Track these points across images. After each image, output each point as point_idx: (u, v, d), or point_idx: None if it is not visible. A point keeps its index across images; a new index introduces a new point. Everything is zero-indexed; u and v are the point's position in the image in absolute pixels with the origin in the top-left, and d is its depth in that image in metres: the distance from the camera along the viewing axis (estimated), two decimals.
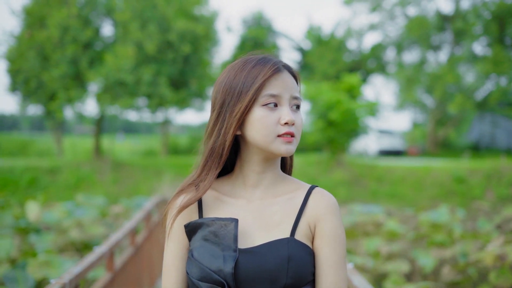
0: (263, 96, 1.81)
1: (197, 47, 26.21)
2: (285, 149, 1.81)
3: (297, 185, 1.95)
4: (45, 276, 6.68)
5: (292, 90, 1.85)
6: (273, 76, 1.83)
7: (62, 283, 3.07)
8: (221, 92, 1.87)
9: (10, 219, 11.43)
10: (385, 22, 34.16)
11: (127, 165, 23.86)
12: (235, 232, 1.75)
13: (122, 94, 24.23)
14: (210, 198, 1.92)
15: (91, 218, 11.69)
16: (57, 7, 23.98)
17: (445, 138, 35.70)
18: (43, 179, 21.59)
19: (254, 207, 1.89)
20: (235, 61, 1.92)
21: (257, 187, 1.91)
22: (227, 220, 1.78)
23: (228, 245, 1.75)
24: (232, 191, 1.93)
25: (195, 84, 26.66)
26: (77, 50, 23.85)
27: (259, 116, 1.80)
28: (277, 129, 1.80)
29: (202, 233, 1.80)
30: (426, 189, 19.85)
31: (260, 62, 1.85)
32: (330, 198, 1.89)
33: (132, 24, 24.20)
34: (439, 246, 9.91)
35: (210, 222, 1.80)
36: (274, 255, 1.75)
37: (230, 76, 1.87)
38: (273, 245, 1.78)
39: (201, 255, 1.77)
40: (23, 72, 24.62)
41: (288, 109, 1.82)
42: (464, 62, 30.08)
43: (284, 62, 1.90)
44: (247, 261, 1.75)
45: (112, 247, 4.58)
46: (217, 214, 1.88)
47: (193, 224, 1.83)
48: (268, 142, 1.81)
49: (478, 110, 31.49)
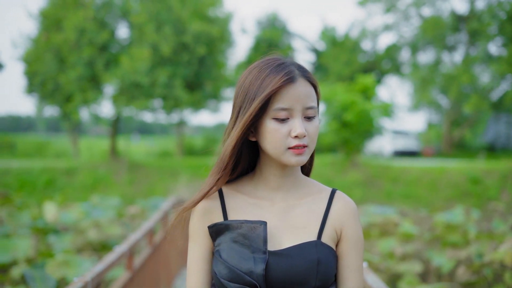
0: (274, 109, 1.79)
1: (212, 48, 26.33)
2: (295, 161, 1.81)
3: (318, 188, 1.97)
4: (64, 275, 6.78)
5: (305, 101, 1.82)
6: (284, 87, 1.80)
7: (85, 281, 3.17)
8: (238, 95, 1.88)
9: (28, 220, 11.58)
10: (400, 23, 34.08)
11: (142, 166, 24.01)
12: (265, 235, 1.77)
13: (137, 95, 24.40)
14: (233, 199, 1.92)
15: (108, 219, 11.81)
16: (73, 10, 24.20)
17: (461, 138, 35.57)
18: (60, 180, 21.79)
19: (279, 209, 1.90)
20: (256, 62, 1.91)
21: (279, 189, 1.92)
22: (256, 222, 1.80)
23: (257, 247, 1.77)
24: (254, 192, 1.93)
25: (210, 85, 26.78)
26: (93, 52, 24.05)
27: (270, 128, 1.80)
28: (287, 141, 1.80)
29: (231, 235, 1.82)
30: (441, 190, 19.82)
31: (275, 70, 1.82)
32: (352, 203, 1.94)
33: (147, 26, 24.36)
34: (453, 246, 9.94)
35: (238, 224, 1.82)
36: (304, 258, 1.78)
37: (246, 80, 1.86)
38: (302, 248, 1.80)
39: (230, 256, 1.78)
40: (40, 74, 24.86)
41: (299, 121, 1.80)
42: (479, 63, 29.93)
43: (302, 69, 1.86)
44: (277, 263, 1.77)
45: (131, 247, 4.69)
46: (242, 215, 1.88)
47: (219, 225, 1.84)
48: (278, 154, 1.82)
49: (494, 110, 31.38)
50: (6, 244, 8.02)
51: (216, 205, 1.91)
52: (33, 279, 6.66)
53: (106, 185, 21.64)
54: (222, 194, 1.93)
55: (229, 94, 30.48)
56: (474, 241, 10.36)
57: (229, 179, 1.94)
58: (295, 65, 1.86)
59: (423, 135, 38.90)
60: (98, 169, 23.17)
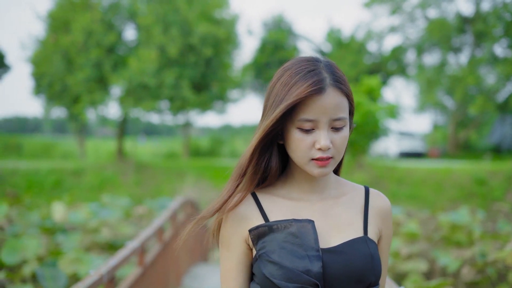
0: (299, 119, 1.73)
1: (219, 50, 26.47)
2: (317, 173, 1.77)
3: (351, 186, 1.95)
4: (75, 271, 6.91)
5: (333, 112, 1.74)
6: (311, 98, 1.72)
7: (100, 273, 3.30)
8: (268, 97, 1.82)
9: (37, 219, 11.72)
10: (406, 24, 34.09)
11: (149, 167, 24.14)
12: (315, 232, 1.74)
13: (145, 97, 24.56)
14: (269, 201, 1.87)
15: (115, 219, 11.93)
16: (81, 12, 24.38)
17: (466, 140, 35.58)
18: (68, 181, 21.94)
19: (318, 208, 1.86)
20: (290, 62, 1.83)
21: (313, 190, 1.88)
22: (304, 221, 1.76)
23: (309, 245, 1.73)
24: (290, 194, 1.88)
25: (217, 86, 26.92)
26: (101, 54, 24.22)
27: (294, 137, 1.75)
28: (311, 152, 1.75)
29: (279, 235, 1.76)
30: (446, 190, 19.87)
31: (304, 77, 1.74)
32: (388, 201, 1.94)
33: (154, 28, 24.52)
34: (458, 246, 10.02)
35: (287, 224, 1.77)
36: (359, 254, 1.76)
37: (278, 82, 1.80)
38: (353, 244, 1.78)
39: (283, 257, 1.72)
40: (47, 76, 25.05)
41: (325, 134, 1.73)
42: (485, 64, 29.96)
43: (335, 77, 1.78)
44: (332, 260, 1.74)
45: (143, 243, 4.81)
46: (282, 217, 1.82)
47: (262, 227, 1.78)
48: (302, 163, 1.77)
49: (500, 112, 31.40)
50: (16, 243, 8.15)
51: (253, 210, 1.85)
52: (44, 277, 6.77)
53: (114, 185, 21.78)
54: (257, 198, 1.87)
55: (235, 95, 30.62)
56: (478, 241, 10.44)
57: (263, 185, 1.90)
58: (329, 72, 1.78)
59: (429, 136, 38.91)
60: (105, 170, 23.32)
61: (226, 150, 34.59)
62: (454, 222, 11.84)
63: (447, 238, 10.85)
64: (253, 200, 1.86)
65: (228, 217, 1.85)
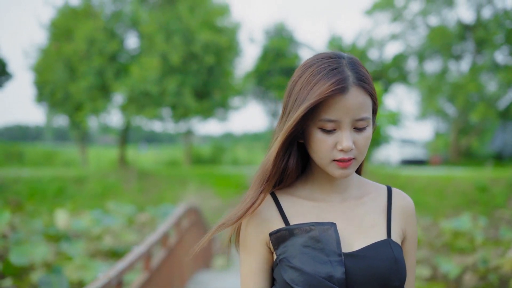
0: (320, 119, 1.66)
1: (221, 58, 26.56)
2: (339, 174, 1.71)
3: (374, 186, 1.89)
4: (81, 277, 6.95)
5: (356, 112, 1.67)
6: (333, 98, 1.65)
7: (109, 277, 3.35)
8: (288, 95, 1.76)
9: (40, 226, 11.78)
10: (407, 32, 34.20)
11: (152, 175, 24.19)
12: (337, 236, 1.68)
13: (147, 104, 24.65)
14: (290, 203, 1.80)
15: (119, 226, 11.98)
16: (83, 20, 24.49)
17: (468, 147, 35.58)
18: (70, 188, 21.98)
19: (340, 210, 1.80)
20: (311, 59, 1.76)
21: (335, 191, 1.82)
22: (326, 224, 1.70)
23: (331, 249, 1.67)
24: (311, 195, 1.82)
25: (219, 94, 27.00)
26: (103, 62, 24.32)
27: (315, 138, 1.69)
28: (333, 153, 1.68)
29: (299, 239, 1.70)
30: (448, 198, 19.89)
31: (326, 76, 1.66)
32: (411, 201, 1.88)
33: (157, 36, 24.62)
34: (461, 253, 10.06)
35: (308, 227, 1.71)
36: (382, 257, 1.70)
37: (299, 81, 1.72)
38: (377, 247, 1.72)
39: (304, 262, 1.66)
40: (50, 84, 25.16)
41: (347, 134, 1.66)
42: (486, 71, 30.06)
43: (358, 76, 1.70)
44: (354, 265, 1.68)
45: (150, 248, 4.86)
46: (304, 220, 1.76)
47: (283, 231, 1.73)
48: (323, 164, 1.71)
49: (501, 119, 31.44)
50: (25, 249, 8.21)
51: (273, 212, 1.79)
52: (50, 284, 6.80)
53: (116, 193, 21.81)
54: (277, 200, 1.81)
55: (237, 103, 30.68)
56: (480, 247, 10.48)
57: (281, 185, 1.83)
58: (352, 69, 1.70)
59: (431, 144, 38.93)
60: (107, 177, 23.36)
61: (228, 157, 34.63)
62: (456, 229, 11.89)
63: (449, 245, 10.89)
64: (273, 202, 1.80)
65: (248, 220, 1.79)
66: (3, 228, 11.19)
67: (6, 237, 10.64)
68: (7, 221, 11.66)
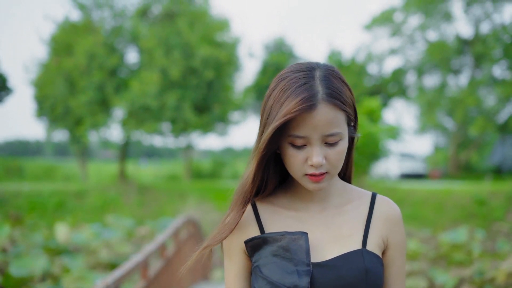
0: (290, 135, 1.64)
1: (220, 72, 26.67)
2: (312, 187, 1.68)
3: (358, 193, 1.85)
4: None
5: (325, 129, 1.63)
6: (301, 115, 1.62)
7: (106, 283, 3.42)
8: (263, 111, 1.73)
9: (40, 240, 11.82)
10: (406, 47, 34.39)
11: (151, 189, 24.23)
12: (307, 246, 1.66)
13: (147, 118, 24.75)
14: (268, 212, 1.79)
15: (118, 239, 12.03)
16: (84, 35, 24.64)
17: (467, 161, 35.63)
18: (70, 202, 22.02)
19: (319, 219, 1.77)
20: (286, 71, 1.73)
21: (315, 200, 1.79)
22: (297, 234, 1.68)
23: (300, 259, 1.65)
24: (290, 205, 1.80)
25: (218, 108, 27.10)
26: (103, 76, 24.45)
27: (287, 153, 1.67)
28: (304, 168, 1.66)
29: (270, 248, 1.69)
30: (447, 211, 19.92)
31: (295, 92, 1.63)
32: (396, 207, 1.82)
33: (157, 51, 24.76)
34: (458, 265, 10.11)
35: (279, 237, 1.69)
36: (351, 268, 1.66)
37: (271, 95, 1.70)
38: (348, 257, 1.69)
39: (272, 271, 1.66)
40: (50, 98, 25.26)
41: (317, 150, 1.64)
42: (485, 85, 30.19)
43: (329, 91, 1.65)
44: (322, 275, 1.65)
45: (147, 257, 4.93)
46: (280, 229, 1.75)
47: (257, 239, 1.72)
48: (297, 178, 1.70)
49: (500, 133, 31.52)
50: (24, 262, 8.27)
51: (251, 220, 1.78)
52: None
53: (116, 207, 21.85)
54: (256, 207, 1.80)
55: (237, 117, 30.76)
56: (478, 260, 10.53)
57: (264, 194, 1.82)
58: (323, 84, 1.66)
59: (430, 158, 38.98)
60: (107, 191, 23.41)
61: (228, 172, 34.62)
62: (454, 242, 11.94)
63: (446, 257, 10.94)
64: (251, 211, 1.79)
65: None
66: (3, 241, 11.24)
67: (6, 250, 10.68)
68: (7, 235, 11.71)
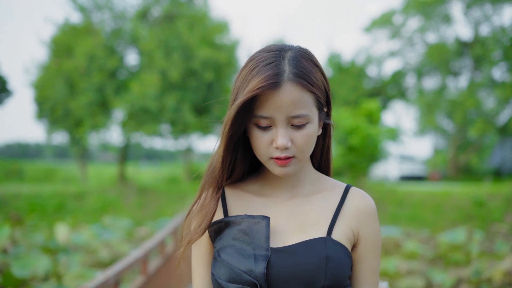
0: (254, 115, 1.61)
1: (220, 74, 26.74)
2: (278, 172, 1.64)
3: (332, 184, 1.81)
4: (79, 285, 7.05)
5: (289, 109, 1.58)
6: (265, 94, 1.58)
7: (107, 276, 3.47)
8: (232, 90, 1.70)
9: (41, 241, 11.86)
10: (405, 49, 34.43)
11: (151, 191, 24.27)
12: (267, 230, 1.62)
13: (146, 120, 24.80)
14: (235, 197, 1.77)
15: (117, 240, 12.06)
16: (83, 37, 24.70)
17: (467, 163, 35.65)
18: (70, 204, 22.03)
19: (286, 206, 1.73)
20: (256, 52, 1.68)
21: (284, 187, 1.75)
22: (257, 217, 1.64)
23: (259, 244, 1.61)
24: (259, 190, 1.77)
25: (218, 110, 27.15)
26: (103, 78, 24.51)
27: (253, 134, 1.64)
28: (269, 151, 1.62)
29: (231, 232, 1.66)
30: (446, 212, 19.95)
31: (261, 70, 1.59)
32: (370, 200, 1.77)
33: (156, 52, 24.82)
34: (456, 265, 10.16)
35: (239, 220, 1.66)
36: (311, 255, 1.61)
37: (240, 75, 1.67)
38: (309, 244, 1.63)
39: (230, 255, 1.63)
40: (50, 100, 25.31)
41: (282, 131, 1.59)
42: (484, 88, 30.21)
43: (296, 70, 1.60)
44: (281, 261, 1.60)
45: (147, 253, 4.97)
46: (243, 213, 1.72)
47: (219, 223, 1.69)
48: (263, 161, 1.66)
49: (499, 135, 31.55)
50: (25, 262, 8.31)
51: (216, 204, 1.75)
52: None
53: (116, 208, 21.87)
54: (224, 193, 1.78)
55: None
56: (476, 260, 10.58)
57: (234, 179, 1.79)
58: (292, 64, 1.61)
59: (430, 160, 39.02)
60: (107, 193, 23.44)
61: None
62: (452, 242, 11.99)
63: (445, 257, 10.99)
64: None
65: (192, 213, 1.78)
66: (4, 242, 11.27)
67: (7, 251, 10.72)
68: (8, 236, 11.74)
